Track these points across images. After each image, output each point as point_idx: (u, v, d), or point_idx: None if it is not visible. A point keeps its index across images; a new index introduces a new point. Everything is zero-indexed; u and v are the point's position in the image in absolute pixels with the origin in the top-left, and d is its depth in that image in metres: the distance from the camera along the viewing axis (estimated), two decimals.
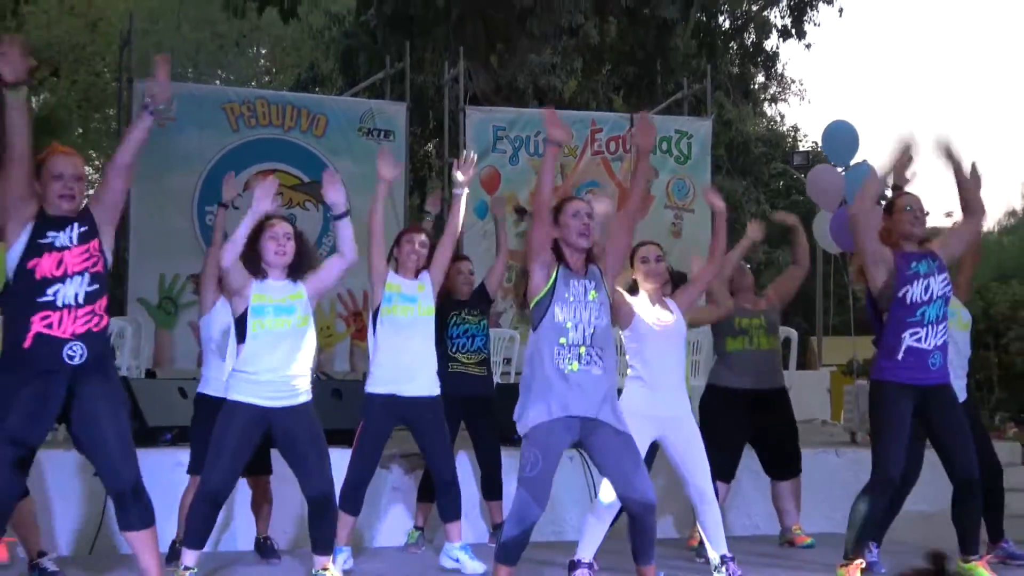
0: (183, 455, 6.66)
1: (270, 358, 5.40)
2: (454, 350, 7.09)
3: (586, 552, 5.81)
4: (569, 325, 4.96)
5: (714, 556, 5.95)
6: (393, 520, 7.59)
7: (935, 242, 6.01)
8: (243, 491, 6.54)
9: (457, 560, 6.31)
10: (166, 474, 6.74)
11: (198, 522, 5.49)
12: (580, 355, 4.96)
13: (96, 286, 4.80)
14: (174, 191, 10.74)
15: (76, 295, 4.70)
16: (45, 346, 4.65)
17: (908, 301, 5.72)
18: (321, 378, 8.38)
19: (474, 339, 7.20)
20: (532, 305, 5.04)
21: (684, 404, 6.12)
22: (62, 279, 4.69)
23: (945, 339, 5.86)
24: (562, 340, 4.94)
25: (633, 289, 6.02)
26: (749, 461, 7.46)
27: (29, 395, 4.62)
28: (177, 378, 7.93)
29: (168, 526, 6.32)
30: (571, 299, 5.01)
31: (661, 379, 5.94)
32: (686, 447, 5.97)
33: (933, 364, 5.79)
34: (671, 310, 6.09)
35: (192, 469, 6.39)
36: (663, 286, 6.19)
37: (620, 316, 5.90)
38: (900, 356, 5.73)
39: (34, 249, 4.68)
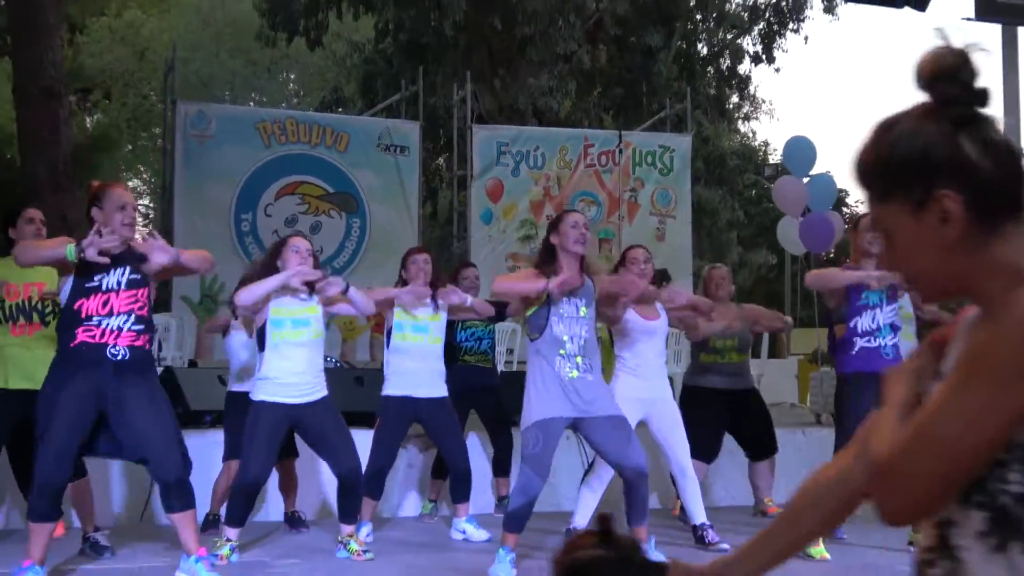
0: (220, 436, 6.74)
1: (290, 364, 5.49)
2: (462, 352, 7.21)
3: (581, 520, 5.98)
4: (566, 338, 5.21)
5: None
6: (410, 494, 7.68)
7: None
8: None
9: (464, 532, 6.39)
10: (206, 452, 6.73)
11: (239, 507, 5.59)
12: (578, 364, 5.23)
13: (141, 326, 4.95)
14: (214, 201, 10.72)
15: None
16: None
17: (859, 330, 5.91)
18: (344, 367, 8.37)
19: (481, 341, 7.32)
20: (529, 313, 5.29)
21: (667, 389, 6.35)
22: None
23: (896, 341, 6.00)
24: (561, 352, 5.20)
25: None
26: (727, 441, 7.43)
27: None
28: (216, 367, 7.95)
29: (205, 499, 6.39)
30: (566, 315, 5.24)
31: (647, 368, 6.11)
32: (669, 427, 6.12)
33: (886, 355, 5.89)
34: (657, 309, 6.20)
35: (226, 456, 6.50)
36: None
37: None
38: (856, 351, 5.87)
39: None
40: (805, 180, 10.60)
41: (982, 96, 1.28)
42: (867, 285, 5.78)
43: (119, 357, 4.80)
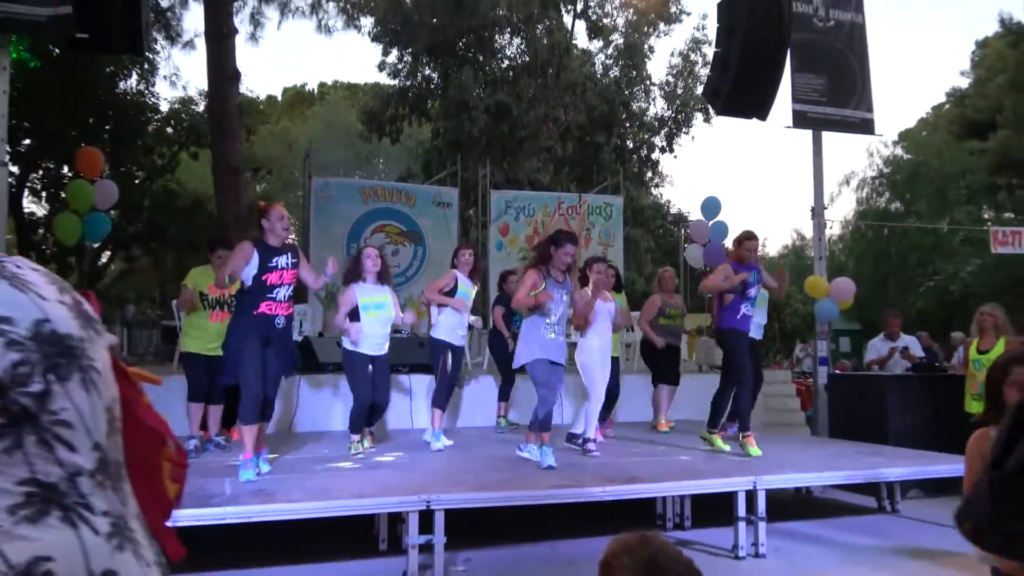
0: (339, 379, 6.61)
1: (370, 331, 5.30)
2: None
3: (589, 432, 5.64)
4: (549, 312, 5.05)
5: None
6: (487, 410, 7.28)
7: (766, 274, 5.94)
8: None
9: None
10: (331, 390, 6.71)
11: (358, 420, 5.43)
12: (556, 330, 5.10)
13: (291, 294, 4.67)
14: (333, 235, 10.74)
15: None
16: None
17: (739, 304, 5.61)
18: (415, 336, 8.40)
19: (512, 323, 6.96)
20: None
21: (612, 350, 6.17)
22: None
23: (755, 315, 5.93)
24: (548, 321, 5.05)
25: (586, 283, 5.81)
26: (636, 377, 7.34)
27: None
28: (334, 336, 7.92)
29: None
30: (555, 299, 5.05)
31: (605, 336, 5.85)
32: (611, 371, 5.98)
33: (751, 323, 5.82)
34: (610, 299, 6.02)
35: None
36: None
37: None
38: (739, 317, 5.64)
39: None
40: (711, 224, 10.64)
41: None
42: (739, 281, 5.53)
43: (279, 324, 4.54)
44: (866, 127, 8.38)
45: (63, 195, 16.53)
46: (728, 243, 9.59)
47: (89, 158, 7.85)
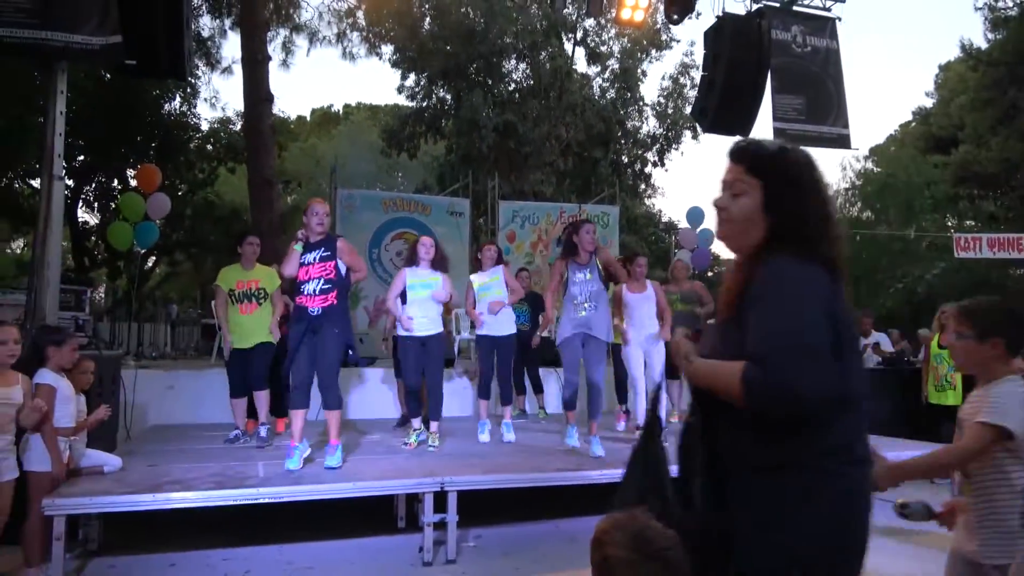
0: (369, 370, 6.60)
1: (418, 312, 4.95)
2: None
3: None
4: (577, 292, 4.80)
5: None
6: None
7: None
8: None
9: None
10: (353, 376, 6.69)
11: (413, 406, 5.13)
12: (585, 307, 4.77)
13: (328, 285, 4.32)
14: (357, 241, 10.47)
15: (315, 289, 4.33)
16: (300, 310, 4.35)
17: None
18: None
19: (519, 317, 6.39)
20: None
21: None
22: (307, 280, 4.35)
23: None
24: (575, 301, 4.80)
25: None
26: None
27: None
28: (380, 332, 7.77)
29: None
30: (579, 280, 4.82)
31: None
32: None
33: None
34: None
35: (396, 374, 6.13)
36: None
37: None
38: None
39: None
40: (697, 230, 10.61)
41: None
42: None
43: (313, 313, 4.27)
44: (842, 142, 8.32)
45: (113, 205, 16.64)
46: (714, 249, 9.57)
47: (148, 174, 7.90)
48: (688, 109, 18.25)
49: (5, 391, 3.23)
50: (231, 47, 38.20)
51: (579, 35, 19.05)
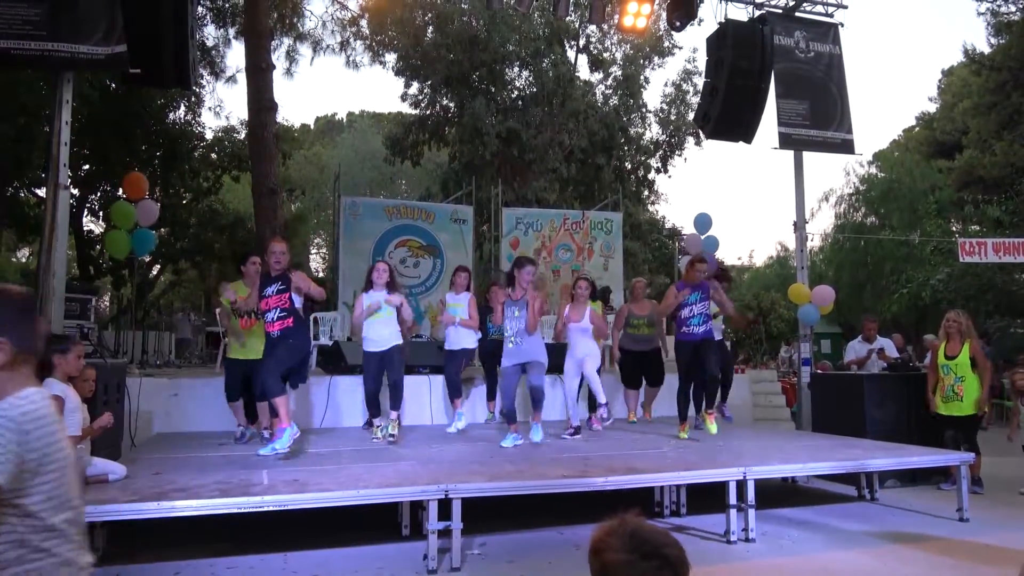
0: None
1: (374, 331, 5.55)
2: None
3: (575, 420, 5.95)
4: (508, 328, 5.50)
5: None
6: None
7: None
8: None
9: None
10: (352, 385, 6.70)
11: (372, 407, 5.80)
12: (513, 340, 5.44)
13: (284, 313, 4.90)
14: (360, 249, 10.76)
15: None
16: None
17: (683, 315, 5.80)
18: (434, 340, 8.36)
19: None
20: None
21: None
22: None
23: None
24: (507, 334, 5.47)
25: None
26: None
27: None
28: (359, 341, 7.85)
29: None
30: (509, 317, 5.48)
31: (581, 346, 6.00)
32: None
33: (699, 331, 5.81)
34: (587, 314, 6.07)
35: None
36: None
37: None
38: (682, 330, 5.82)
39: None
40: (703, 236, 10.58)
41: None
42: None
43: (274, 335, 4.91)
44: (847, 147, 8.32)
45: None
46: (719, 255, 9.55)
47: (134, 182, 7.92)
48: (691, 115, 18.29)
49: None
50: (235, 56, 38.45)
51: (582, 42, 19.14)
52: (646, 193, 21.70)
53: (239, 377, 5.52)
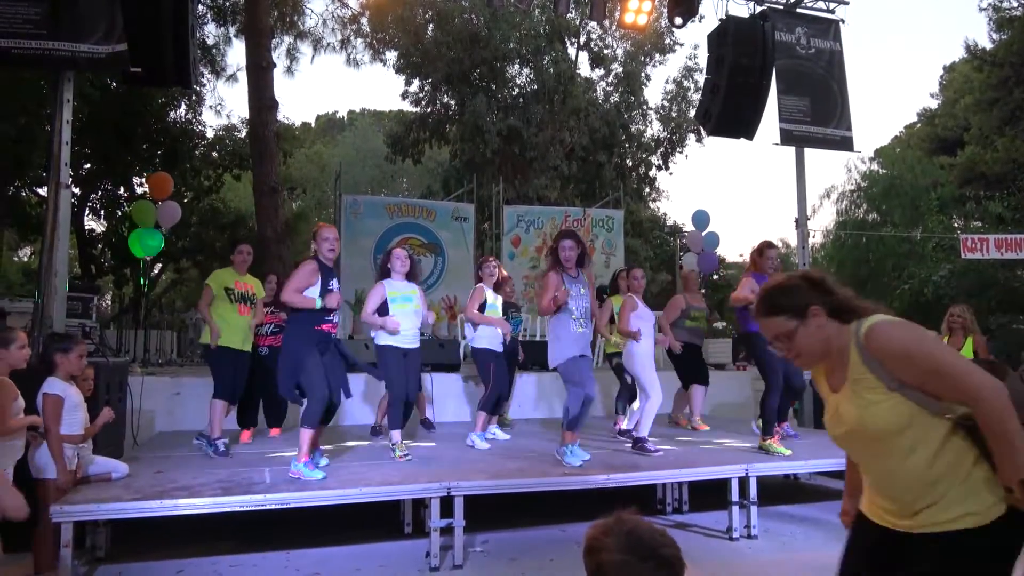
0: (366, 377, 6.50)
1: (403, 323, 4.79)
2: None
3: (644, 431, 5.07)
4: (574, 307, 4.53)
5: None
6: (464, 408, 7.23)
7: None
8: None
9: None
10: (359, 384, 6.70)
11: (399, 415, 4.82)
12: (583, 323, 4.55)
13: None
14: (362, 247, 10.81)
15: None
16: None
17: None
18: (436, 338, 8.39)
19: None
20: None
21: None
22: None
23: None
24: (573, 316, 4.51)
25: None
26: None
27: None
28: (363, 339, 7.89)
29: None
30: (574, 295, 4.55)
31: (651, 339, 5.29)
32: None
33: None
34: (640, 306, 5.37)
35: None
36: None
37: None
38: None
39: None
40: (704, 233, 10.61)
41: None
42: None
43: (334, 337, 4.40)
44: (846, 144, 8.33)
45: (119, 213, 16.70)
46: (720, 252, 9.56)
47: (160, 182, 7.93)
48: (692, 112, 18.28)
49: None
50: (236, 54, 38.44)
51: (582, 39, 19.11)
52: (647, 190, 21.68)
53: (231, 369, 4.99)
